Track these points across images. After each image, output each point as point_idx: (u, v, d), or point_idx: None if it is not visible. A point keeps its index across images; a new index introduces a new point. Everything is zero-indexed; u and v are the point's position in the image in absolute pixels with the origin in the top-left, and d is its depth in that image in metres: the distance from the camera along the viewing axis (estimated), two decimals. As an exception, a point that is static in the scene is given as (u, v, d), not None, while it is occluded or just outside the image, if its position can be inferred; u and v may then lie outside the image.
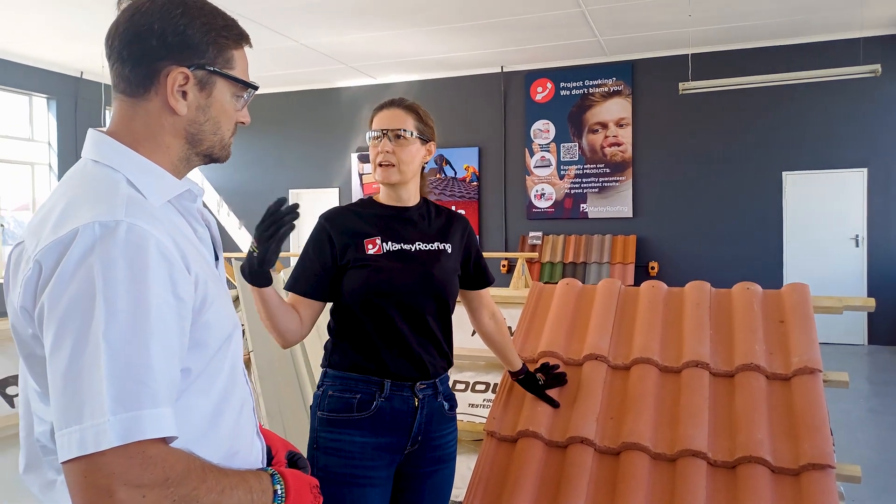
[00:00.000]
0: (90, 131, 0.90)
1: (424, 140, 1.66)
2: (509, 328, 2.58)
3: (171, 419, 0.75)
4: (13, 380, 1.87)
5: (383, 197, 1.65)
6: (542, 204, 8.98)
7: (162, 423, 0.74)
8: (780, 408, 1.70)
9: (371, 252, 1.54)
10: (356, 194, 9.77)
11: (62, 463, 0.72)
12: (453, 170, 9.34)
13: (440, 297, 1.60)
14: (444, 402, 1.63)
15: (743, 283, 2.08)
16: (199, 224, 0.94)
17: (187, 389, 0.83)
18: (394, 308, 1.53)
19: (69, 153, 9.28)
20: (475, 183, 9.25)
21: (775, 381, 1.77)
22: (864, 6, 6.50)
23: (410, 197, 1.65)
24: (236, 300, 2.58)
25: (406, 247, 1.59)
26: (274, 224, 1.32)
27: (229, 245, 10.47)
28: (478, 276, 1.75)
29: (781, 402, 1.72)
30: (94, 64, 8.80)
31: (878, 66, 5.64)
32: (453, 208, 9.20)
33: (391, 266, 1.55)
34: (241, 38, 0.94)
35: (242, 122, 0.97)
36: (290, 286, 1.57)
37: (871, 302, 2.00)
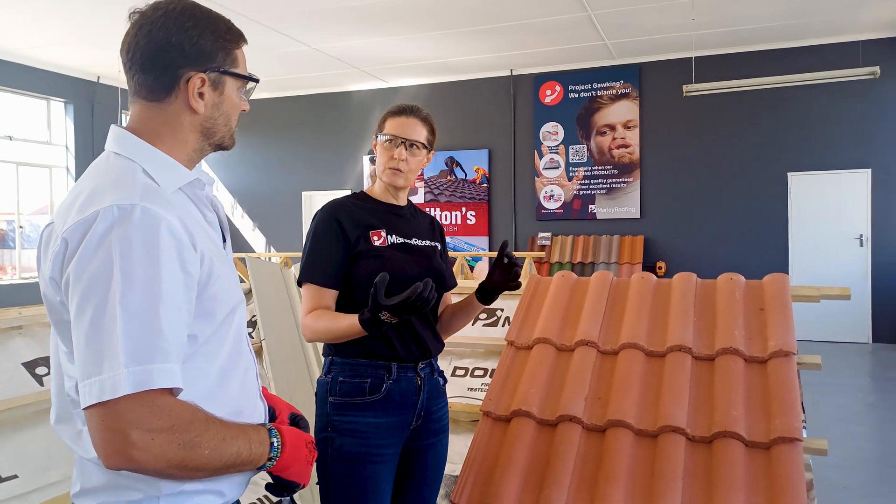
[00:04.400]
0: (113, 127, 1.03)
1: (429, 149, 1.78)
2: (507, 319, 2.71)
3: (177, 374, 0.88)
4: (43, 361, 2.02)
5: (379, 194, 1.76)
6: (551, 205, 9.09)
7: (169, 376, 0.87)
8: (755, 388, 1.82)
9: (377, 243, 1.66)
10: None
11: (84, 409, 0.85)
12: (463, 172, 9.47)
13: (441, 286, 1.74)
14: (440, 378, 1.78)
15: (727, 274, 2.19)
16: (207, 209, 1.07)
17: (196, 354, 0.96)
18: (396, 293, 1.66)
19: (86, 156, 9.49)
20: (485, 185, 9.38)
21: (753, 364, 1.89)
22: (861, 9, 6.58)
23: (403, 197, 1.79)
24: (249, 293, 2.73)
25: (406, 241, 1.72)
26: (419, 303, 1.39)
27: (243, 245, 10.66)
28: (449, 277, 1.86)
29: (757, 382, 1.83)
30: (111, 68, 9.03)
31: (876, 69, 5.71)
32: (463, 210, 9.29)
33: (399, 256, 1.68)
34: (241, 39, 1.08)
35: (244, 111, 1.11)
36: (324, 282, 1.61)
37: (847, 291, 2.10)
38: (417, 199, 9.74)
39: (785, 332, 1.93)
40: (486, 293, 1.78)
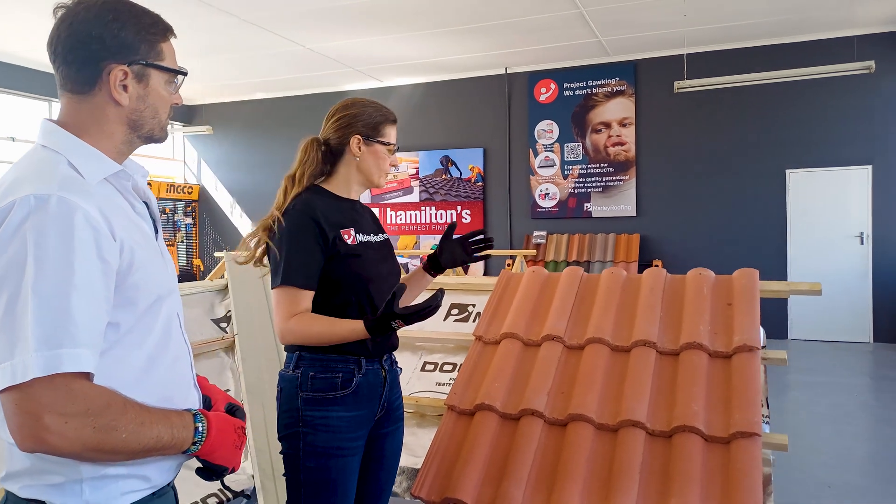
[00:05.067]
0: (42, 121, 1.04)
1: None
2: (478, 314, 2.71)
3: (87, 358, 0.89)
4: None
5: (340, 189, 1.75)
6: (547, 203, 9.08)
7: (79, 360, 0.88)
8: (718, 382, 1.81)
9: (349, 242, 1.66)
10: (364, 196, 9.92)
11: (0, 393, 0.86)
12: (458, 170, 9.47)
13: (398, 279, 1.79)
14: (399, 368, 1.80)
15: (696, 269, 2.18)
16: (136, 200, 1.08)
17: (119, 342, 0.97)
18: (374, 292, 1.67)
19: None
20: (480, 183, 9.37)
21: (717, 359, 1.88)
22: (856, 4, 6.54)
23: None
24: (226, 289, 2.73)
25: (368, 238, 1.73)
26: (431, 313, 1.50)
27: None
28: None
29: (721, 377, 1.83)
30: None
31: (871, 63, 5.68)
32: (458, 209, 9.26)
33: (369, 255, 1.70)
34: (167, 32, 1.08)
35: (176, 104, 1.11)
36: (305, 285, 1.59)
37: (818, 286, 2.09)
38: (413, 197, 9.74)
39: (750, 326, 1.92)
40: (439, 266, 1.87)
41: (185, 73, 1.10)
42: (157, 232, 1.11)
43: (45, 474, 0.95)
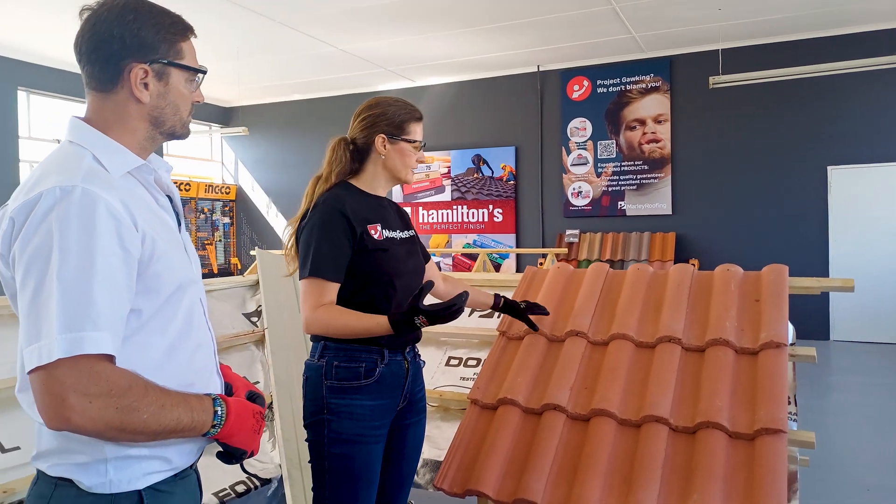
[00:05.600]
0: (71, 118, 1.09)
1: None
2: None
3: (109, 341, 0.93)
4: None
5: (368, 185, 1.80)
6: (579, 202, 9.01)
7: (100, 343, 0.92)
8: (744, 379, 1.78)
9: (375, 237, 1.71)
10: (397, 195, 10.00)
11: (27, 374, 0.91)
12: (490, 169, 9.47)
13: (422, 276, 1.85)
14: (421, 361, 1.84)
15: (725, 265, 2.15)
16: (159, 194, 1.12)
17: (142, 328, 1.02)
18: (400, 286, 1.71)
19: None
20: (512, 182, 9.35)
21: (743, 355, 1.85)
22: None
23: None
24: (257, 284, 2.80)
25: (395, 234, 1.78)
26: (454, 314, 1.54)
27: (277, 243, 10.87)
28: (423, 253, 1.94)
29: (747, 373, 1.80)
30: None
31: (916, 55, 5.48)
32: (490, 207, 9.30)
33: (395, 250, 1.74)
34: (187, 31, 1.12)
35: (198, 101, 1.15)
36: (332, 277, 1.63)
37: (851, 282, 2.04)
38: (444, 196, 9.78)
39: (778, 322, 1.89)
40: (511, 311, 2.06)
41: (204, 72, 1.14)
42: (179, 224, 1.15)
43: (71, 454, 0.99)
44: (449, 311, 1.51)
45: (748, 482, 1.55)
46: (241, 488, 2.13)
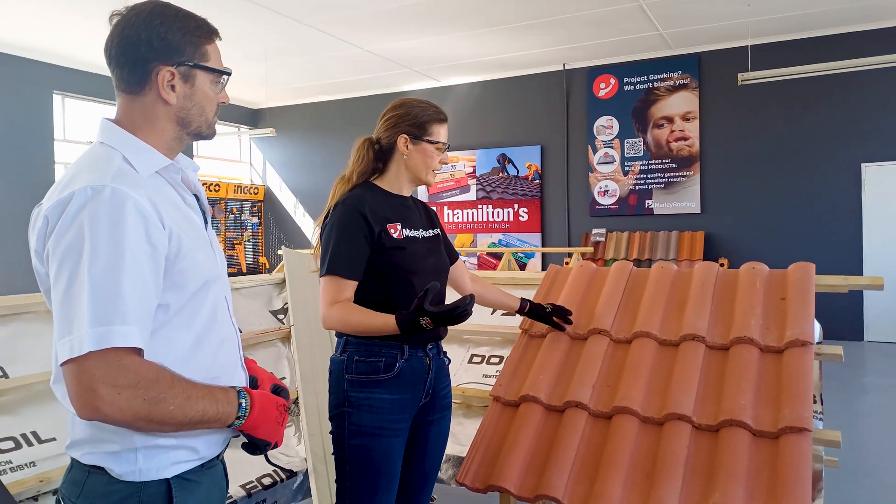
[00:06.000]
0: (101, 120, 1.14)
1: None
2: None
3: (137, 335, 0.97)
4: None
5: (391, 185, 1.83)
6: (606, 201, 8.95)
7: (128, 336, 0.96)
8: (768, 378, 1.77)
9: (395, 236, 1.74)
10: (422, 195, 10.05)
11: (60, 366, 0.95)
12: (515, 168, 9.45)
13: (444, 274, 1.87)
14: (446, 358, 1.86)
15: (750, 263, 2.13)
16: (186, 193, 1.16)
17: (169, 322, 1.05)
18: (418, 284, 1.73)
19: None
20: (538, 181, 9.32)
21: (768, 354, 1.84)
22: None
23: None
24: (283, 282, 2.84)
25: (416, 233, 1.80)
26: (462, 315, 1.54)
27: (304, 243, 11.00)
28: (450, 252, 1.97)
29: (771, 372, 1.78)
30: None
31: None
32: (516, 207, 9.28)
33: (414, 249, 1.76)
34: (212, 34, 1.16)
35: (223, 102, 1.19)
36: (349, 275, 1.67)
37: (880, 280, 2.00)
38: (470, 196, 9.79)
39: (803, 320, 1.87)
40: (535, 316, 2.07)
41: (229, 73, 1.17)
42: (206, 222, 1.19)
43: (103, 443, 1.04)
44: (454, 313, 1.52)
45: (771, 480, 1.54)
46: (267, 481, 2.17)
